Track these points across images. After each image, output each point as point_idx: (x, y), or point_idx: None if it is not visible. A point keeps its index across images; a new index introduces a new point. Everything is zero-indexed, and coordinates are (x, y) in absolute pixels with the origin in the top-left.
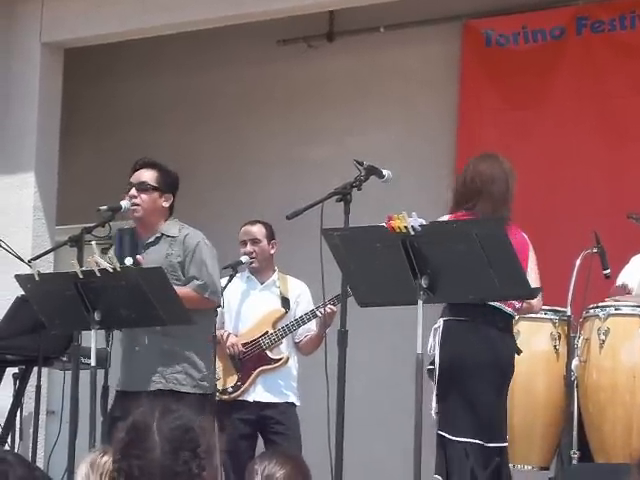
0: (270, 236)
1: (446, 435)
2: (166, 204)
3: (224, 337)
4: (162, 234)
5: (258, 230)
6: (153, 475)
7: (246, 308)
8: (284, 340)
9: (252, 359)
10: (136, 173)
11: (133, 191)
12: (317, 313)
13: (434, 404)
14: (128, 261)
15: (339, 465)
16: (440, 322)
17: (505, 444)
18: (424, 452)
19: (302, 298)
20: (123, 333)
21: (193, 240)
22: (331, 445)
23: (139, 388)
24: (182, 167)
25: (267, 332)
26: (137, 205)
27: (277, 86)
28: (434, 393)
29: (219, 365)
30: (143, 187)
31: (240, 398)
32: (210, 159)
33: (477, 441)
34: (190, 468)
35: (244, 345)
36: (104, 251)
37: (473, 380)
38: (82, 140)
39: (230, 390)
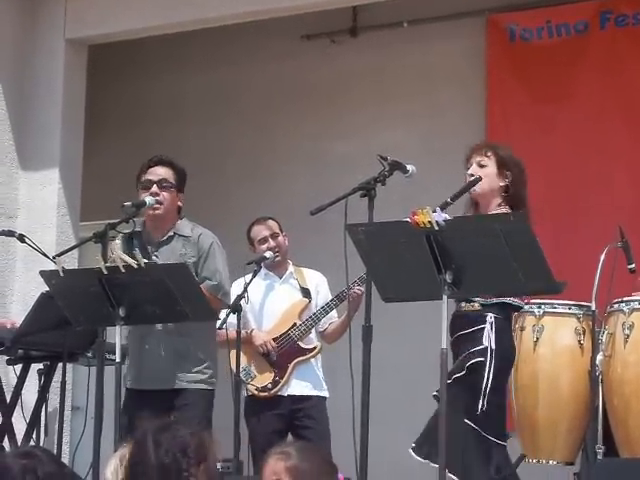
0: (281, 229)
1: (495, 440)
2: (180, 203)
3: (250, 335)
4: (175, 233)
5: (274, 225)
6: None
7: (269, 304)
8: (312, 330)
9: (285, 353)
10: (153, 169)
11: (155, 188)
12: (343, 297)
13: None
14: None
15: (364, 460)
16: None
17: None
18: None
19: (321, 287)
20: (131, 331)
21: (207, 240)
22: (356, 440)
23: (152, 387)
24: (207, 163)
25: (295, 324)
26: (160, 203)
27: (301, 81)
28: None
29: (252, 363)
30: (164, 184)
31: (278, 394)
32: (235, 155)
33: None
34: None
35: (274, 340)
36: None
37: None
38: (106, 136)
39: (269, 387)
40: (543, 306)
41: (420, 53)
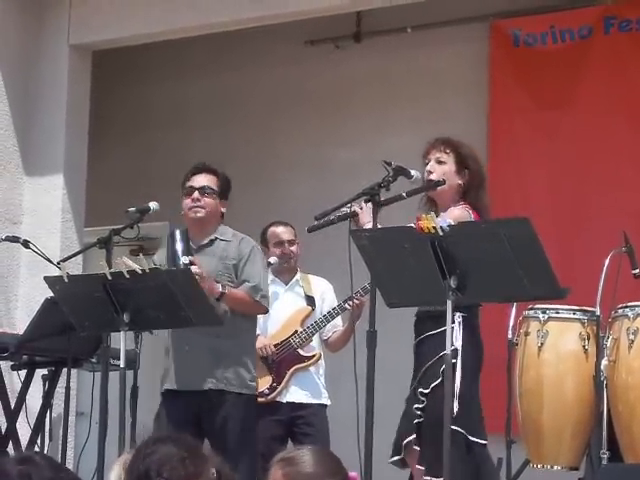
0: (296, 237)
1: (475, 439)
2: (223, 209)
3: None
4: (216, 237)
5: (291, 231)
6: None
7: (273, 310)
8: (314, 338)
9: (285, 359)
10: (196, 177)
11: (196, 194)
12: (345, 306)
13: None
14: (184, 260)
15: (368, 466)
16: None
17: None
18: None
19: (327, 295)
20: (172, 333)
21: (248, 245)
22: (360, 446)
23: (190, 387)
24: None
25: (296, 331)
26: (201, 208)
27: (305, 87)
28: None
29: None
30: (206, 191)
31: (276, 399)
32: (239, 160)
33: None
34: None
35: (275, 346)
36: (133, 252)
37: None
38: (110, 142)
39: (266, 392)
40: (547, 311)
41: (424, 58)
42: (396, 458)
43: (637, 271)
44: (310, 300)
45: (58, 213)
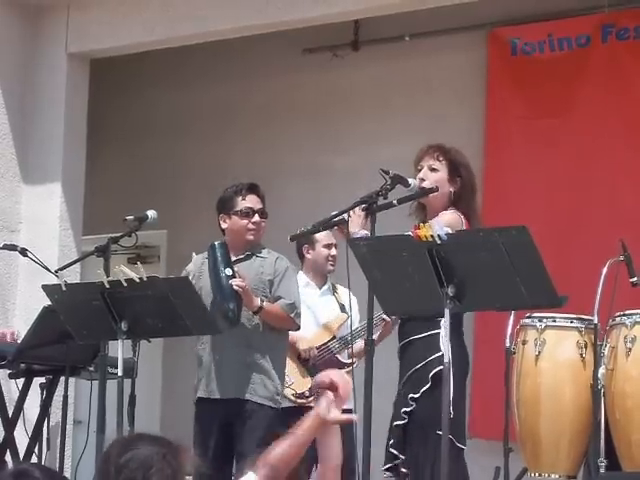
0: None
1: (461, 446)
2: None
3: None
4: (252, 253)
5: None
6: None
7: (308, 313)
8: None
9: (324, 363)
10: (251, 197)
11: (257, 217)
12: (384, 317)
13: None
14: (227, 272)
15: (366, 474)
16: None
17: None
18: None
19: (353, 304)
20: (204, 341)
21: (283, 264)
22: (358, 455)
23: (220, 395)
24: (209, 176)
25: (334, 337)
26: (258, 231)
27: (303, 95)
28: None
29: (293, 368)
30: (264, 213)
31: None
32: (236, 168)
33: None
34: None
35: (317, 349)
36: (131, 261)
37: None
38: (108, 150)
39: (307, 394)
40: (545, 319)
41: (422, 67)
42: (388, 465)
43: (635, 279)
44: (342, 308)
45: (56, 221)
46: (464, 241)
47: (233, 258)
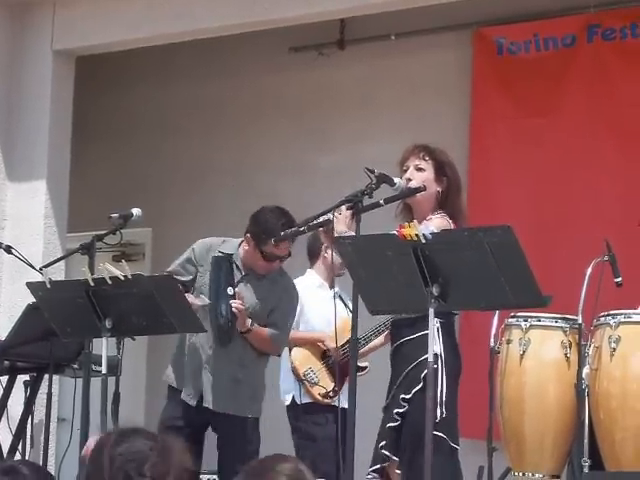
0: None
1: (455, 445)
2: None
3: (317, 337)
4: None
5: None
6: None
7: (322, 315)
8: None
9: (344, 365)
10: (284, 245)
11: (278, 262)
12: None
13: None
14: (229, 291)
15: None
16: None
17: None
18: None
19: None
20: (199, 347)
21: (289, 293)
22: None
23: (209, 406)
24: (194, 174)
25: (349, 340)
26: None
27: (288, 94)
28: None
29: (318, 367)
30: (286, 257)
31: (333, 403)
32: (222, 166)
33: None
34: None
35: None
36: (115, 259)
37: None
38: (93, 148)
39: (332, 394)
40: (529, 319)
41: (408, 66)
42: (376, 467)
43: (619, 280)
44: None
45: (41, 219)
46: (449, 240)
47: (245, 272)
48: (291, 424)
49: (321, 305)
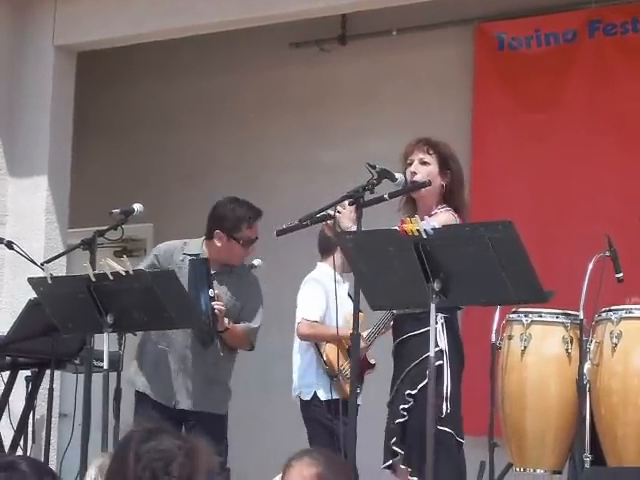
0: None
1: (460, 439)
2: None
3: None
4: (231, 270)
5: None
6: None
7: (340, 310)
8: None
9: (363, 362)
10: (256, 226)
11: (252, 246)
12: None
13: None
14: (211, 293)
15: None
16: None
17: None
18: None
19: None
20: (171, 350)
21: (256, 287)
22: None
23: (185, 407)
24: (196, 170)
25: (362, 336)
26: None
27: (290, 89)
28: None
29: (347, 366)
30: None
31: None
32: (223, 162)
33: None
34: None
35: None
36: (117, 254)
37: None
38: (95, 143)
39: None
40: (531, 315)
41: (409, 61)
42: (389, 463)
43: (620, 275)
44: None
45: (42, 214)
46: (450, 236)
47: (215, 270)
48: (312, 419)
49: (340, 303)
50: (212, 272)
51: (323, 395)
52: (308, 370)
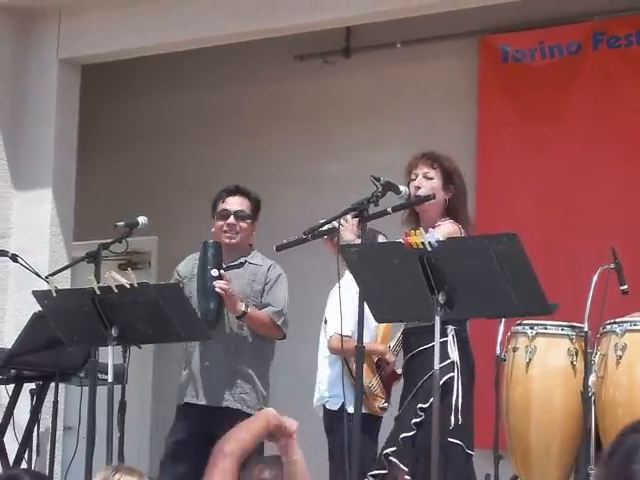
0: None
1: (470, 452)
2: (254, 232)
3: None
4: (246, 260)
5: None
6: None
7: (369, 327)
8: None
9: (390, 374)
10: (230, 199)
11: (232, 219)
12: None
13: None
14: (213, 272)
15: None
16: (451, 330)
17: None
18: None
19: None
20: (192, 345)
21: (276, 271)
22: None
23: (208, 402)
24: (200, 183)
25: (390, 346)
26: (236, 233)
27: (294, 102)
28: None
29: (375, 381)
30: (242, 215)
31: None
32: (228, 174)
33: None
34: None
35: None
36: (121, 267)
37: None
38: (99, 156)
39: (386, 406)
40: (535, 327)
41: (413, 74)
42: (376, 472)
43: (625, 287)
44: None
45: (47, 227)
46: (455, 248)
47: (229, 264)
48: (336, 431)
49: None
50: (225, 266)
51: (351, 408)
52: (337, 381)
